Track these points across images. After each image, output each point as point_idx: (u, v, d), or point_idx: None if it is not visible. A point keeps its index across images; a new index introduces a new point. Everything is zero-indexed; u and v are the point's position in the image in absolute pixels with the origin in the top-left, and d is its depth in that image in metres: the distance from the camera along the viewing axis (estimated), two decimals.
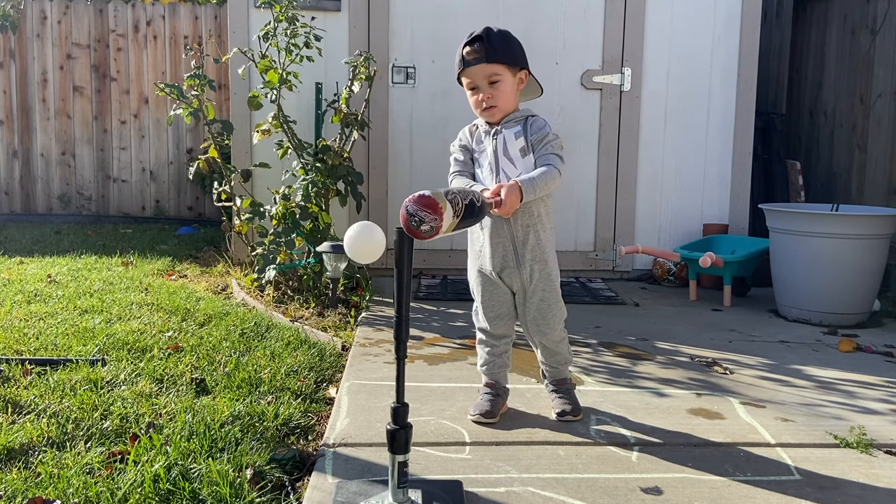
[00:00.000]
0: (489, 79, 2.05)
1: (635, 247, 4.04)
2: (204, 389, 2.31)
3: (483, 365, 2.21)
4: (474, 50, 2.04)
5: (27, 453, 1.83)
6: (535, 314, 2.12)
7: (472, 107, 2.12)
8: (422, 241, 1.57)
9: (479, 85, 2.07)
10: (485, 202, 1.78)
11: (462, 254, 4.36)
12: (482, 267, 2.15)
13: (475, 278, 2.19)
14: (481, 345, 2.22)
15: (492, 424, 2.10)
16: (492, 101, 2.06)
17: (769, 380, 2.57)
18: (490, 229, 2.10)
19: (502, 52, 2.05)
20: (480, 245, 2.15)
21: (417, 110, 4.31)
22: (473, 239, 2.18)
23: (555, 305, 2.13)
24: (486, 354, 2.21)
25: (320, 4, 4.12)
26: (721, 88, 4.37)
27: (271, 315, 3.28)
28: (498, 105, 2.07)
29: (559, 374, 2.24)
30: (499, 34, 2.06)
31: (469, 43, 2.05)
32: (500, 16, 4.24)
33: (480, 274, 2.17)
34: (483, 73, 2.04)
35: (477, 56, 2.03)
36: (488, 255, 2.12)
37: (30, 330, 2.89)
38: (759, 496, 1.72)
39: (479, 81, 2.06)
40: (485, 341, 2.21)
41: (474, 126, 2.19)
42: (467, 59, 2.05)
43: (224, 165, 3.93)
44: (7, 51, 6.76)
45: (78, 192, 6.91)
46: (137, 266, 4.40)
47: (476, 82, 2.07)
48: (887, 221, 3.37)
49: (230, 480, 1.68)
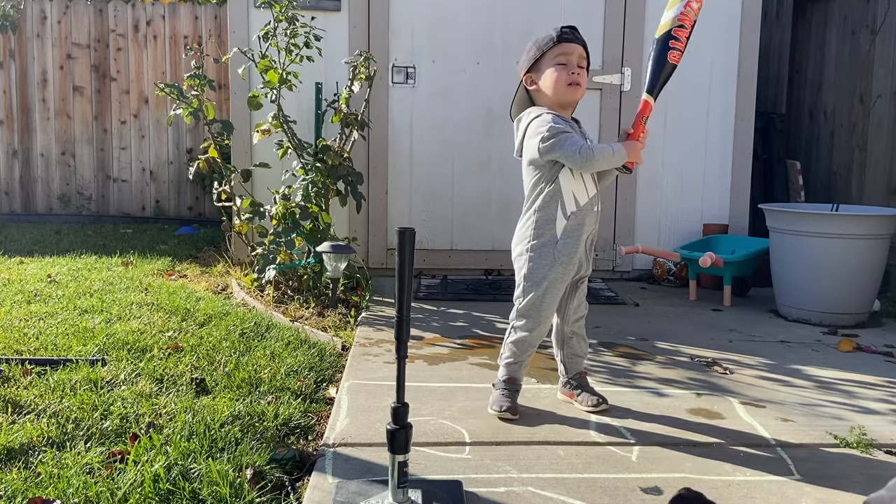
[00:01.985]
0: (580, 61, 2.14)
1: (635, 247, 4.04)
2: (204, 389, 2.31)
3: (512, 363, 2.20)
4: (572, 32, 2.14)
5: (27, 453, 1.83)
6: (577, 301, 2.25)
7: (554, 82, 2.12)
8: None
9: (572, 62, 2.12)
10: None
11: (462, 254, 4.40)
12: (568, 262, 2.14)
13: (549, 278, 2.13)
14: (519, 344, 2.18)
15: (515, 420, 2.11)
16: (580, 79, 2.13)
17: (769, 380, 2.57)
18: (583, 225, 2.15)
19: (587, 50, 2.17)
20: (569, 240, 2.13)
21: (417, 110, 4.31)
22: (555, 235, 2.13)
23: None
24: (519, 353, 2.19)
25: (320, 4, 4.12)
26: (721, 88, 4.37)
27: (271, 315, 3.28)
28: (583, 84, 2.15)
29: (581, 366, 2.30)
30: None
31: (566, 28, 2.14)
32: (499, 15, 4.24)
33: (562, 273, 2.15)
34: (579, 52, 2.14)
35: (575, 37, 2.13)
36: (578, 250, 2.15)
37: (30, 330, 2.89)
38: (759, 496, 1.72)
39: (573, 58, 2.12)
40: (526, 342, 2.18)
41: (549, 114, 2.13)
42: (565, 35, 2.12)
43: (224, 165, 3.93)
44: (7, 51, 6.76)
45: (78, 192, 6.91)
46: (137, 266, 4.40)
47: (570, 58, 2.12)
48: (887, 221, 3.37)
49: (230, 480, 1.68)
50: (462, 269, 4.40)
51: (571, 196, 2.12)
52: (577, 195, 2.13)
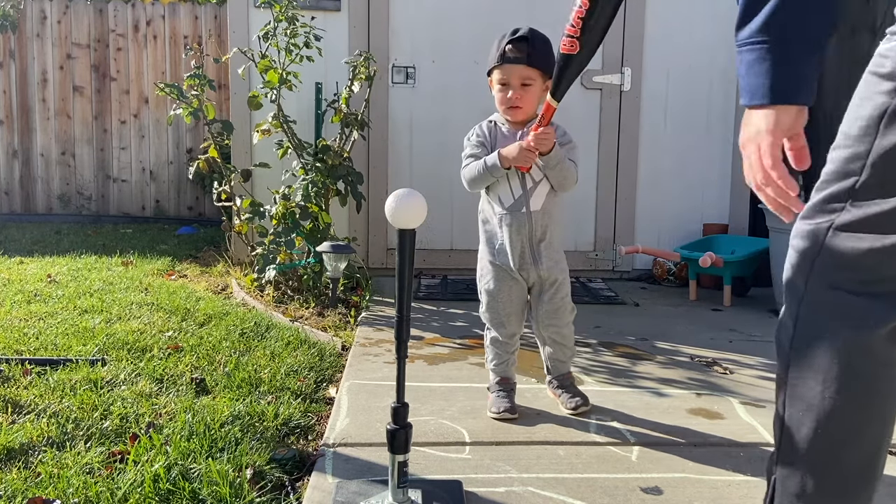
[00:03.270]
0: (523, 80, 2.08)
1: (635, 247, 4.04)
2: (204, 389, 2.31)
3: (497, 364, 2.22)
4: (518, 49, 2.06)
5: (27, 453, 1.83)
6: (547, 308, 2.17)
7: (498, 102, 2.15)
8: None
9: (512, 84, 2.09)
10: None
11: (462, 254, 4.40)
12: (503, 263, 2.17)
13: (491, 275, 2.19)
14: (494, 345, 2.22)
15: (514, 420, 2.12)
16: (520, 101, 2.10)
17: (769, 380, 2.57)
18: (510, 227, 2.13)
19: (542, 58, 2.08)
20: (500, 242, 2.17)
21: (417, 110, 4.31)
22: (491, 237, 2.20)
23: (566, 299, 2.20)
24: (498, 353, 2.22)
25: (320, 4, 4.12)
26: (721, 88, 4.37)
27: (271, 315, 3.28)
28: (524, 107, 2.11)
29: (565, 369, 2.27)
30: (542, 39, 2.10)
31: (514, 41, 2.06)
32: (499, 15, 4.24)
33: (499, 270, 2.18)
34: (519, 73, 2.08)
35: (518, 56, 2.06)
36: (508, 252, 2.14)
37: (30, 330, 2.89)
38: (760, 496, 1.71)
39: (512, 80, 2.09)
40: (499, 341, 2.21)
41: (492, 123, 2.21)
42: (508, 55, 2.07)
43: (224, 165, 3.93)
44: (7, 51, 6.76)
45: (78, 191, 6.91)
46: (137, 266, 4.40)
47: (509, 81, 2.09)
48: None
49: (230, 480, 1.68)
50: (462, 269, 4.39)
51: (497, 198, 2.16)
52: (502, 197, 2.15)
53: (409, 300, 1.58)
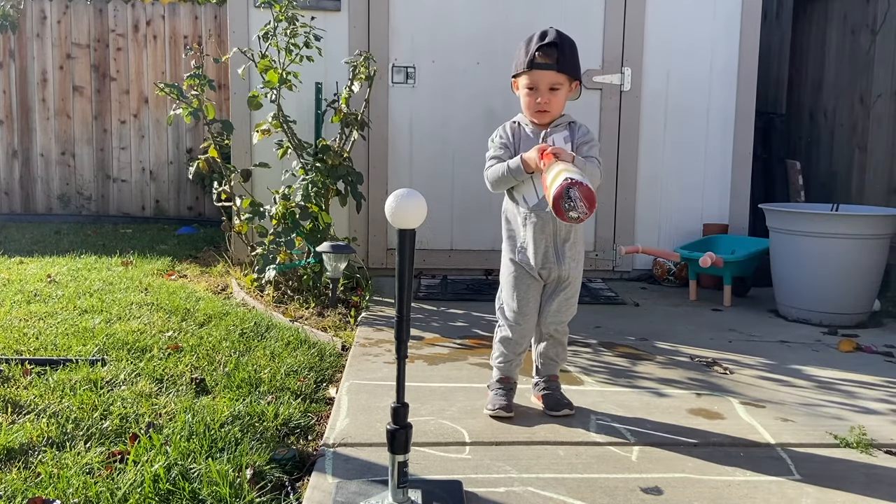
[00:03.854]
0: (551, 85, 2.10)
1: (635, 247, 4.04)
2: (204, 389, 2.31)
3: (502, 363, 2.23)
4: (547, 55, 2.07)
5: (27, 453, 1.83)
6: (558, 305, 2.19)
7: (525, 106, 2.16)
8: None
9: (540, 89, 2.10)
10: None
11: (462, 254, 4.40)
12: (524, 262, 2.17)
13: (511, 274, 2.19)
14: (504, 343, 2.22)
15: (510, 419, 2.12)
16: (548, 105, 2.11)
17: (769, 380, 2.57)
18: (535, 226, 2.14)
19: (570, 63, 2.11)
20: (523, 241, 2.17)
21: (417, 110, 4.31)
22: (513, 235, 2.20)
23: (575, 298, 2.22)
24: (506, 352, 2.22)
25: (320, 4, 4.12)
26: (721, 88, 4.37)
27: (271, 315, 3.28)
28: (552, 111, 2.14)
29: (555, 369, 2.28)
30: (570, 44, 2.12)
31: (543, 47, 2.07)
32: (499, 15, 4.24)
33: (520, 269, 2.18)
34: (548, 79, 2.10)
35: (548, 62, 2.07)
36: (531, 252, 2.15)
37: (30, 330, 2.89)
38: (759, 496, 1.72)
39: (541, 86, 2.10)
40: (510, 339, 2.21)
41: (516, 124, 2.22)
42: (538, 61, 2.08)
43: (224, 165, 3.93)
44: (7, 51, 6.76)
45: (78, 191, 6.91)
46: (137, 266, 4.40)
47: (538, 86, 2.11)
48: (887, 221, 3.37)
49: (230, 480, 1.67)
50: (462, 269, 4.40)
51: (522, 197, 2.17)
52: (526, 196, 2.16)
53: (409, 300, 1.58)
